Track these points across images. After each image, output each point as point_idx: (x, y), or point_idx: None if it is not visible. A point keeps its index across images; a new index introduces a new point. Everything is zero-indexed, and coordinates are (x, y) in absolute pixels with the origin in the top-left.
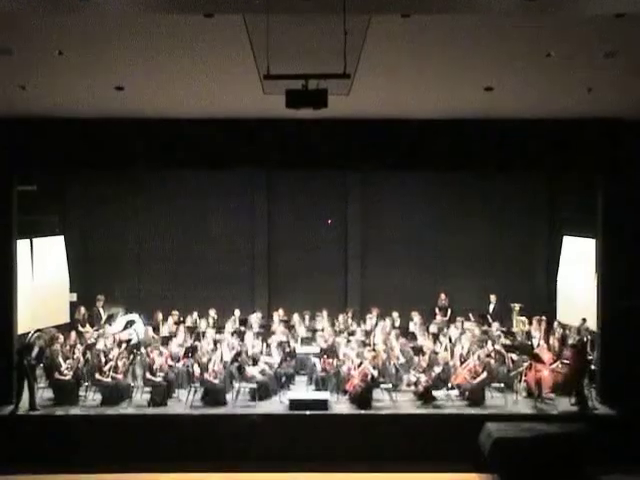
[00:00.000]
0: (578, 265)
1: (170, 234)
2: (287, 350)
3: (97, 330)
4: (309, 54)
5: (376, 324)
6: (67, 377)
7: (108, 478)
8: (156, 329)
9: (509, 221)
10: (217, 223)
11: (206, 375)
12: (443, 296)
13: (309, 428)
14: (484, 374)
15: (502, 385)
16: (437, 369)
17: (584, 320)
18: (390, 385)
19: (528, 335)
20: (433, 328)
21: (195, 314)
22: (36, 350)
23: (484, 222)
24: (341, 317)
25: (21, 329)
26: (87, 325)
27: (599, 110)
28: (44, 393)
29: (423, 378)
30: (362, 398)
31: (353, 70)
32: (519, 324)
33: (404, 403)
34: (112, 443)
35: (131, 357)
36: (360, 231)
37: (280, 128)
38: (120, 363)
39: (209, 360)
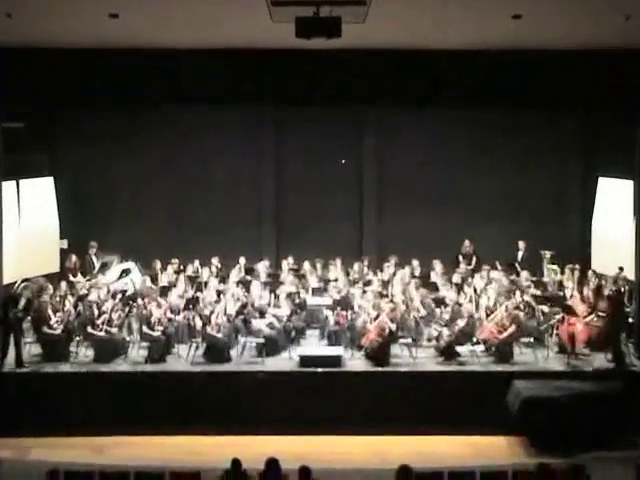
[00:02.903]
0: (615, 209)
1: (169, 176)
2: (297, 302)
3: (89, 280)
4: None
5: (394, 273)
6: (57, 331)
7: (101, 440)
8: (154, 279)
9: (539, 162)
10: (220, 164)
11: (208, 329)
12: (467, 243)
13: (321, 386)
14: (512, 328)
15: (532, 340)
16: (461, 322)
17: (621, 269)
18: (409, 340)
19: (560, 285)
20: (456, 278)
21: (197, 262)
22: (23, 302)
23: (512, 163)
24: (356, 266)
25: (7, 279)
26: (79, 274)
27: (638, 40)
28: (32, 348)
29: (445, 332)
30: (379, 354)
31: None
32: (550, 273)
33: (425, 359)
34: (105, 402)
35: (127, 309)
36: (376, 172)
37: (289, 60)
38: (115, 316)
39: (212, 312)
